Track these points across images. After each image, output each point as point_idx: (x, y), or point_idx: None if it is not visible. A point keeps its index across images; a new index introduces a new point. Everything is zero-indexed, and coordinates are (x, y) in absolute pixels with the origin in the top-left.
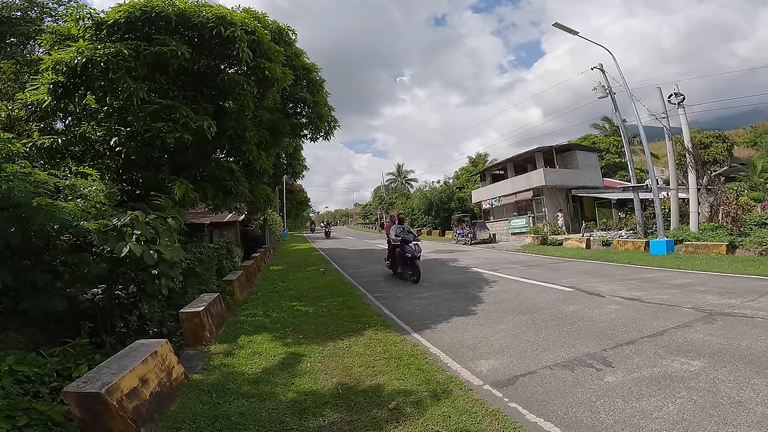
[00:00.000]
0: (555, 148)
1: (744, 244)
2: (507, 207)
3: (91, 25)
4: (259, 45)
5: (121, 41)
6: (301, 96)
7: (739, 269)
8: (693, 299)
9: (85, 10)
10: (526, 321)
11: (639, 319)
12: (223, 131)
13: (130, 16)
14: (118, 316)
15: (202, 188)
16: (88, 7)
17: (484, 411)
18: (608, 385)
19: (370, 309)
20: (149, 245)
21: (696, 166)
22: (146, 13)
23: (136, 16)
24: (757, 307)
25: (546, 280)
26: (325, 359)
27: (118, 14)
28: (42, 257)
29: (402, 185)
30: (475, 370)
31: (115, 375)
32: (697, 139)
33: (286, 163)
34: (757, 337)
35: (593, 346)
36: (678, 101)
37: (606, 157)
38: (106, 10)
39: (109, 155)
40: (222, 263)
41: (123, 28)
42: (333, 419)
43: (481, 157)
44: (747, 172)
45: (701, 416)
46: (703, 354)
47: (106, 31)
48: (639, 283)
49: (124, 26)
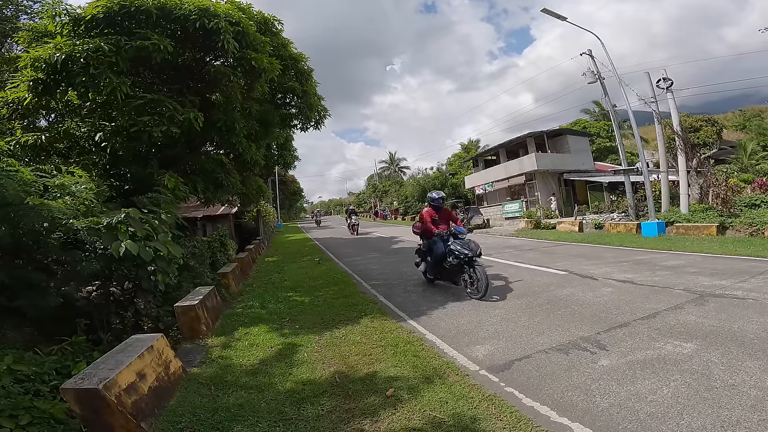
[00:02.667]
0: (546, 132)
1: (734, 225)
2: (500, 192)
3: (68, 21)
4: (244, 36)
5: (100, 36)
6: (289, 86)
7: (729, 250)
8: (684, 281)
9: (61, 6)
10: (521, 305)
11: (632, 301)
12: (212, 124)
13: (108, 11)
14: (114, 312)
15: (193, 181)
16: (64, 3)
17: (480, 396)
18: (603, 368)
19: (365, 297)
20: (145, 242)
21: (685, 149)
22: (125, 7)
23: (115, 11)
24: (748, 288)
25: (540, 264)
26: (321, 349)
27: (95, 9)
28: (33, 256)
29: (395, 173)
30: (471, 355)
31: (112, 371)
32: (687, 123)
33: (278, 154)
34: (749, 318)
35: (587, 329)
36: (666, 86)
37: (597, 141)
38: (84, 5)
39: (95, 151)
40: (216, 256)
41: (102, 24)
42: (331, 407)
43: (473, 143)
44: (736, 155)
45: (695, 399)
46: (696, 336)
47: (84, 27)
48: (631, 266)
49: (103, 21)
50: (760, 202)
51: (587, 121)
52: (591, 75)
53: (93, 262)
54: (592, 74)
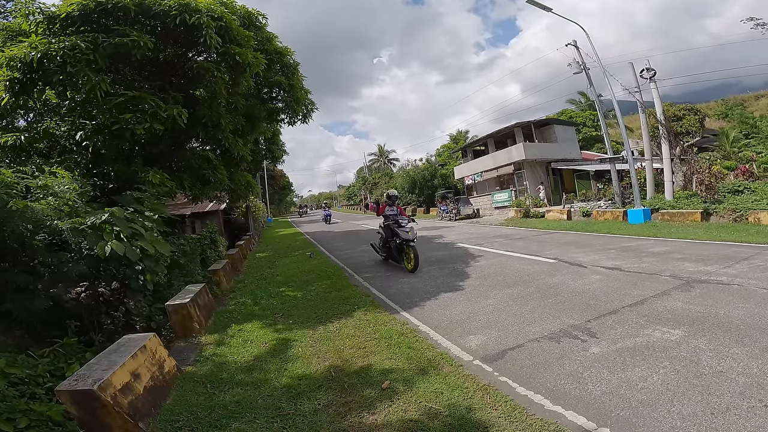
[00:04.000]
0: (533, 123)
1: (718, 211)
2: (489, 182)
3: (42, 19)
4: (227, 31)
5: (77, 34)
6: (275, 80)
7: (713, 236)
8: (671, 267)
9: (35, 4)
10: (512, 294)
11: (620, 288)
12: (197, 119)
13: (84, 8)
14: (104, 313)
15: (179, 179)
16: (37, 2)
17: (475, 386)
18: (594, 356)
19: (358, 290)
20: (131, 241)
21: (669, 138)
22: (101, 4)
23: (91, 8)
24: (733, 274)
25: (530, 253)
26: (316, 343)
27: (70, 7)
28: (19, 258)
29: (385, 165)
30: (465, 345)
31: (106, 371)
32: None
33: (265, 149)
34: (734, 304)
35: (577, 317)
36: (649, 76)
37: (583, 130)
38: (58, 3)
39: (77, 150)
40: (206, 253)
41: (78, 21)
42: (328, 401)
43: (461, 134)
44: (719, 142)
45: (685, 386)
46: (683, 323)
47: (59, 25)
48: (618, 252)
49: (79, 19)
50: (743, 188)
51: (573, 111)
52: (576, 66)
53: (80, 263)
54: (577, 65)
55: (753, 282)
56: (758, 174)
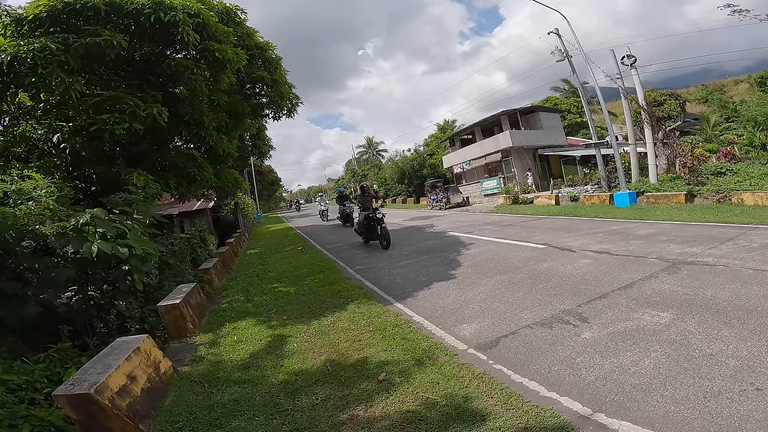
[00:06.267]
0: (519, 110)
1: (701, 193)
2: (478, 170)
3: (9, 22)
4: (205, 27)
5: (46, 36)
6: (258, 75)
7: (698, 217)
8: (657, 249)
9: (1, 7)
10: (504, 281)
11: (609, 272)
12: (179, 118)
13: (51, 9)
14: (96, 316)
15: (164, 178)
16: (3, 5)
17: (470, 375)
18: (586, 341)
19: (351, 283)
20: (117, 241)
21: (651, 122)
22: (69, 5)
23: (59, 9)
24: (719, 255)
25: (520, 239)
26: (311, 338)
27: (37, 9)
28: (5, 265)
29: (374, 157)
30: (459, 334)
31: (101, 374)
32: (652, 98)
33: (251, 145)
34: (721, 285)
35: (568, 302)
36: (631, 62)
37: (568, 117)
38: (24, 5)
39: (55, 153)
40: (196, 252)
41: (47, 23)
42: (325, 396)
43: (449, 123)
44: (701, 126)
45: (677, 370)
46: (671, 305)
47: (27, 27)
48: (606, 236)
49: (47, 20)
50: (725, 170)
51: (558, 98)
52: (559, 53)
53: (67, 267)
54: (560, 53)
55: (738, 262)
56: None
